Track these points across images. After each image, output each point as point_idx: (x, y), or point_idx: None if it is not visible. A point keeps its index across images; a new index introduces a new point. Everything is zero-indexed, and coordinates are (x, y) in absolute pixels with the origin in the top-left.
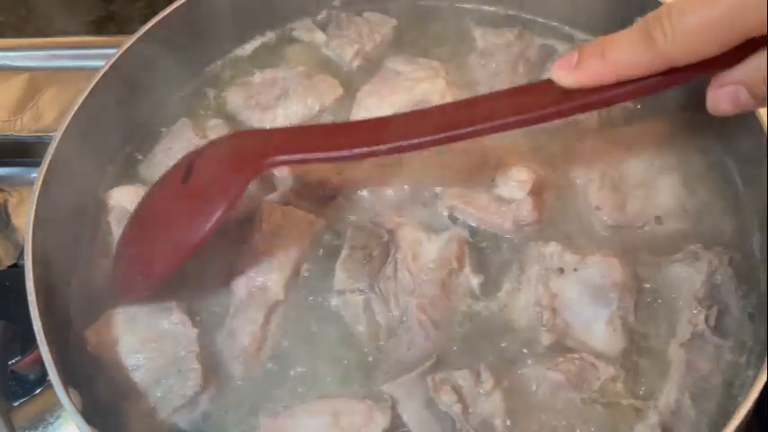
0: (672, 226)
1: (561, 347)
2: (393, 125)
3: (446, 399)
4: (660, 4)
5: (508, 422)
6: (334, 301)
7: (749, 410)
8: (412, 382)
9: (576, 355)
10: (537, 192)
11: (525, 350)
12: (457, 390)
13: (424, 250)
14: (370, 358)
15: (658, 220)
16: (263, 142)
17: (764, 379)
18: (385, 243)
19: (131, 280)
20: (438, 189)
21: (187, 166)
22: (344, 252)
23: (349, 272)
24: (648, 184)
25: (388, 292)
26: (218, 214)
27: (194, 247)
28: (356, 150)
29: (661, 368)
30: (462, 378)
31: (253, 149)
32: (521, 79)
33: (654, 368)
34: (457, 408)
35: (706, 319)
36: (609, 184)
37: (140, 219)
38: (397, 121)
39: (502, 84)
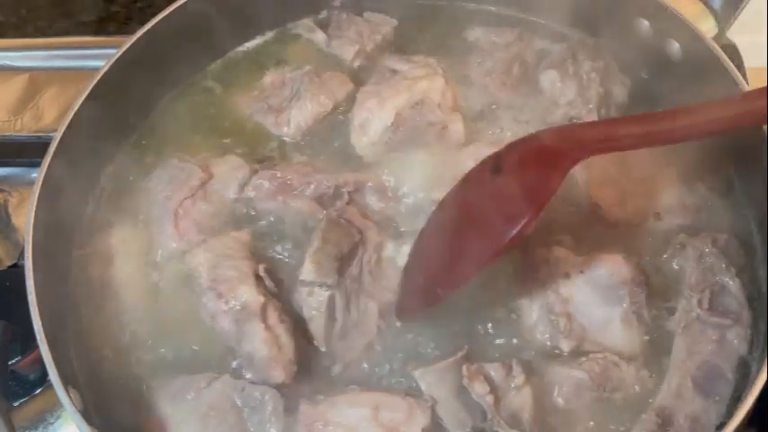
0: (671, 222)
1: (582, 352)
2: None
3: (479, 389)
4: (659, 5)
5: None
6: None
7: (749, 409)
8: (444, 371)
9: (600, 355)
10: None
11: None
12: (489, 381)
13: (387, 255)
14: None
15: (657, 216)
16: (575, 137)
17: (764, 379)
18: (355, 243)
19: (428, 290)
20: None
21: (495, 160)
22: (316, 243)
23: (319, 265)
24: (648, 180)
25: (351, 292)
26: (539, 205)
27: (509, 245)
28: (653, 139)
29: None
30: (494, 370)
31: (565, 144)
32: (513, 80)
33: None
34: (489, 398)
35: (699, 303)
36: (609, 180)
37: (442, 220)
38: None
39: (493, 83)
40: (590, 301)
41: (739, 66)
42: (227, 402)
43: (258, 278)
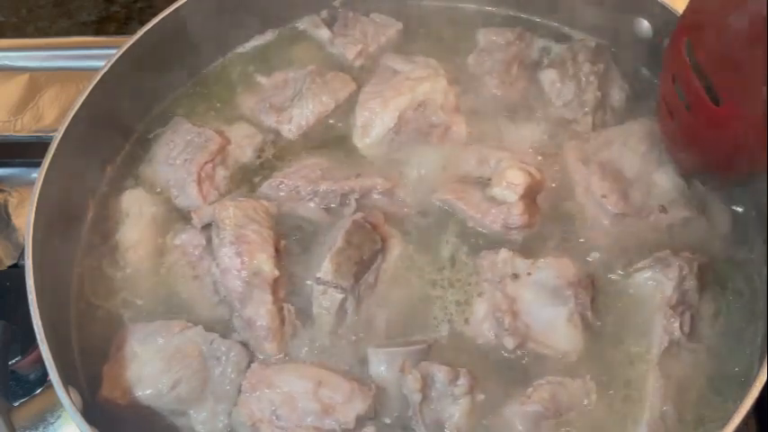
0: (676, 215)
1: (525, 350)
2: None
3: (411, 383)
4: (660, 5)
5: None
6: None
7: (749, 410)
8: (396, 355)
9: (543, 381)
10: (530, 195)
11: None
12: (428, 381)
13: (406, 269)
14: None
15: (663, 209)
16: None
17: (764, 379)
18: (376, 250)
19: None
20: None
21: None
22: (339, 244)
23: (338, 266)
24: (646, 177)
25: (362, 297)
26: None
27: None
28: None
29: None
30: (441, 372)
31: None
32: (512, 79)
33: (623, 367)
34: (416, 396)
35: (681, 326)
36: (609, 176)
37: None
38: None
39: (491, 81)
40: (536, 301)
41: None
42: (194, 350)
43: (277, 251)
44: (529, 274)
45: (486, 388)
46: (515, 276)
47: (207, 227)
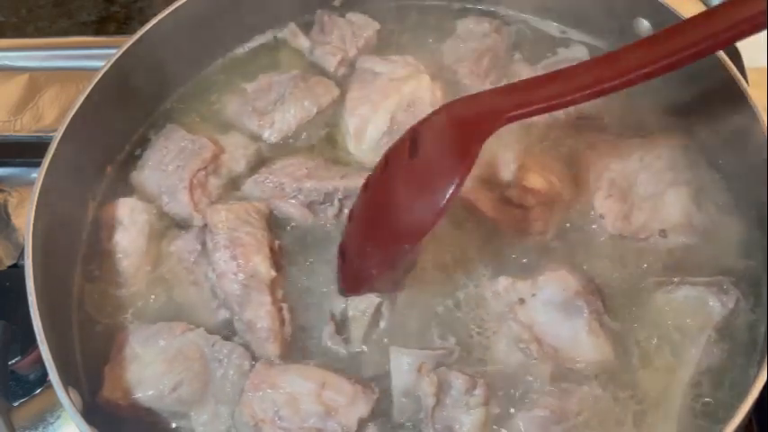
0: (676, 240)
1: (562, 373)
2: (596, 69)
3: (425, 386)
4: (659, 5)
5: None
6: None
7: (749, 410)
8: (418, 357)
9: (550, 386)
10: (547, 203)
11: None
12: (444, 387)
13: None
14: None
15: (663, 233)
16: (490, 102)
17: (764, 379)
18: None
19: (364, 273)
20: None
21: (411, 140)
22: None
23: None
24: (657, 196)
25: (397, 299)
26: (456, 182)
27: (434, 223)
28: (578, 94)
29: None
30: (459, 380)
31: (482, 111)
32: (482, 70)
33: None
34: (430, 400)
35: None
36: (617, 192)
37: (367, 205)
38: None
39: (462, 70)
40: (552, 320)
41: (739, 66)
42: (196, 352)
43: (272, 252)
44: (533, 295)
45: (502, 395)
46: (522, 301)
47: (202, 231)
